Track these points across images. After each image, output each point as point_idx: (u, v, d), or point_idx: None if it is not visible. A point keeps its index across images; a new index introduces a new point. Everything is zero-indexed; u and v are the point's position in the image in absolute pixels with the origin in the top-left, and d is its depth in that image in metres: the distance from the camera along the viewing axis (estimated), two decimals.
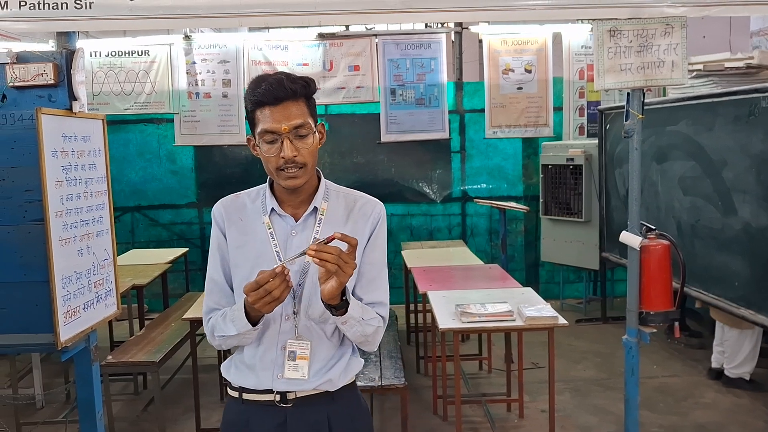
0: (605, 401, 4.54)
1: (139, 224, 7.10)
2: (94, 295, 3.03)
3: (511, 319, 3.49)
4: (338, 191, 1.84)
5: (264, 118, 1.64)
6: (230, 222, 1.80)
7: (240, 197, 1.84)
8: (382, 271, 1.82)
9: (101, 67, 6.68)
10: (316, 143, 1.70)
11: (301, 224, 1.76)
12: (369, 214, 1.80)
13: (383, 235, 1.82)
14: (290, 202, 1.78)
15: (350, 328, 1.72)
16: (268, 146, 1.65)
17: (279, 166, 1.66)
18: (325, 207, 1.79)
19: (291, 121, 1.63)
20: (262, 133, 1.65)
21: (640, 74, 2.93)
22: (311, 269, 1.73)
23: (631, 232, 3.14)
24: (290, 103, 1.64)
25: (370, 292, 1.80)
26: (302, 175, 1.68)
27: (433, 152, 7.06)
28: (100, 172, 3.13)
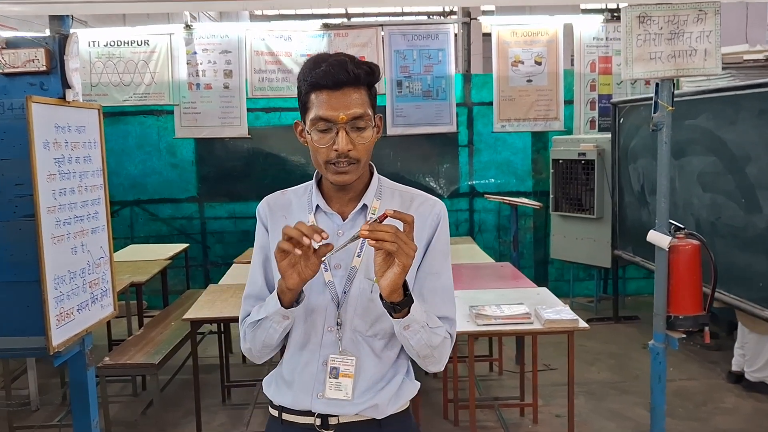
0: (621, 405, 4.37)
1: (138, 219, 6.92)
2: (89, 295, 2.86)
3: (529, 322, 3.32)
4: (393, 188, 1.65)
5: (319, 103, 1.46)
6: (274, 220, 1.63)
7: (286, 194, 1.69)
8: (446, 282, 1.60)
9: (99, 57, 6.50)
10: (373, 138, 1.51)
11: (349, 223, 1.57)
12: (428, 214, 1.59)
13: (445, 239, 1.61)
14: (338, 199, 1.60)
15: (413, 335, 1.48)
16: (320, 135, 1.47)
17: (329, 159, 1.48)
18: (377, 205, 1.59)
19: (350, 110, 1.45)
20: (315, 120, 1.46)
21: (670, 63, 2.75)
22: (357, 276, 1.55)
23: (659, 231, 2.96)
24: (351, 89, 1.46)
25: (433, 308, 1.57)
26: (353, 171, 1.50)
27: (440, 146, 6.88)
28: (96, 165, 2.95)
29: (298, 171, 6.80)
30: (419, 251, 1.55)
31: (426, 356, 1.53)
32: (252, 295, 1.64)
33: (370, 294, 1.52)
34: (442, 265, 1.59)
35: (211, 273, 6.96)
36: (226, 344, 4.77)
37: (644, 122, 5.46)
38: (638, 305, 6.79)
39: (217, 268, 6.87)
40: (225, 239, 6.98)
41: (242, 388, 4.70)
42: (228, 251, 6.80)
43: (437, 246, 1.58)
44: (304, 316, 1.55)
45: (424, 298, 1.56)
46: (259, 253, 1.65)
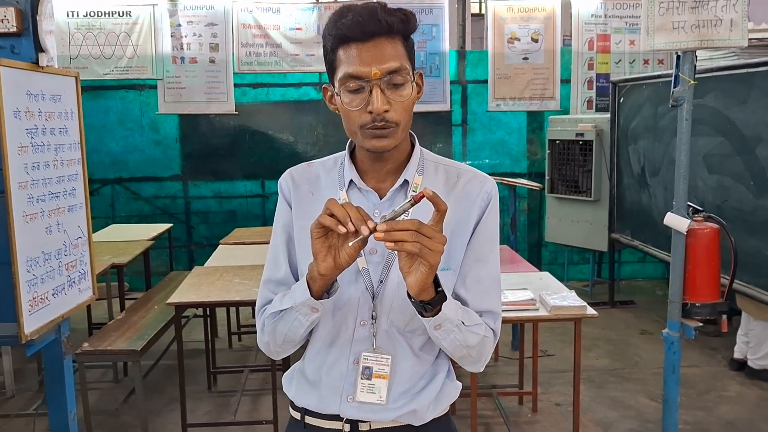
0: (622, 394, 4.24)
1: (119, 197, 6.66)
2: (66, 278, 2.64)
3: (534, 308, 3.15)
4: (437, 162, 1.42)
5: (348, 59, 1.25)
6: (299, 195, 1.42)
7: (313, 166, 1.47)
8: (492, 271, 1.39)
9: (79, 29, 6.22)
10: (413, 97, 1.29)
11: (387, 202, 1.36)
12: (477, 193, 1.37)
13: (494, 222, 1.39)
14: (375, 173, 1.37)
15: (446, 335, 1.28)
16: (351, 96, 1.26)
17: (364, 124, 1.26)
18: (419, 182, 1.37)
19: (384, 63, 1.23)
20: (344, 78, 1.25)
21: (694, 34, 2.56)
22: (396, 263, 1.30)
23: (677, 214, 2.79)
24: (384, 40, 1.25)
25: (477, 299, 1.37)
26: (393, 136, 1.28)
27: (434, 125, 6.67)
28: (73, 137, 2.72)
29: (286, 149, 6.56)
30: (466, 235, 1.36)
31: (462, 357, 1.35)
32: (273, 279, 1.43)
33: None
34: (490, 251, 1.39)
35: (195, 254, 6.73)
36: (212, 328, 4.57)
37: (646, 101, 5.30)
38: (633, 290, 6.67)
39: (201, 249, 6.64)
40: (210, 219, 6.75)
41: (229, 375, 4.51)
42: (213, 232, 6.57)
43: (485, 229, 1.38)
44: (333, 308, 1.35)
45: (467, 287, 1.37)
46: (281, 233, 1.44)
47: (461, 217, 1.36)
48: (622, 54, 6.61)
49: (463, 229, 1.36)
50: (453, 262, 1.36)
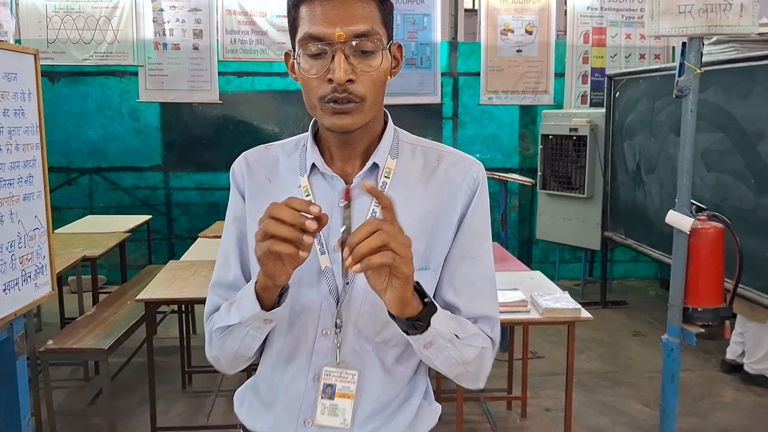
0: (615, 398, 4.07)
1: (98, 187, 6.44)
2: (20, 272, 2.44)
3: (526, 310, 2.96)
4: (415, 144, 1.23)
5: (311, 18, 1.06)
6: (254, 183, 1.23)
7: (271, 149, 1.28)
8: (484, 270, 1.20)
9: (57, 12, 5.99)
10: (385, 68, 1.09)
11: (356, 189, 1.16)
12: (461, 179, 1.18)
13: (485, 211, 1.20)
14: (341, 156, 1.18)
15: (439, 353, 1.10)
16: (311, 62, 1.07)
17: (324, 95, 1.07)
18: (392, 166, 1.18)
19: (351, 25, 1.05)
20: (304, 39, 1.07)
21: (701, 19, 2.38)
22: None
23: (679, 212, 2.61)
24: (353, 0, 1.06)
25: (469, 303, 1.18)
26: (357, 113, 1.08)
27: (423, 118, 6.47)
28: (30, 120, 2.51)
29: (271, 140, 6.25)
30: (450, 228, 1.17)
31: (459, 374, 1.16)
32: (223, 283, 1.25)
33: None
34: (480, 246, 1.19)
35: (175, 247, 6.51)
36: (187, 325, 4.37)
37: (643, 96, 5.13)
38: (625, 289, 6.51)
39: (182, 242, 6.42)
40: (191, 211, 6.53)
41: (204, 374, 4.31)
42: (194, 224, 6.35)
43: (474, 221, 1.18)
44: (289, 314, 1.16)
45: (456, 290, 1.17)
46: (232, 229, 1.25)
47: (443, 207, 1.17)
48: (618, 48, 6.44)
49: (446, 221, 1.17)
50: (433, 260, 1.17)
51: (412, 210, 1.15)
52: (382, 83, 1.11)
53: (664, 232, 4.50)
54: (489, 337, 1.18)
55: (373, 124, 1.16)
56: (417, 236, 1.10)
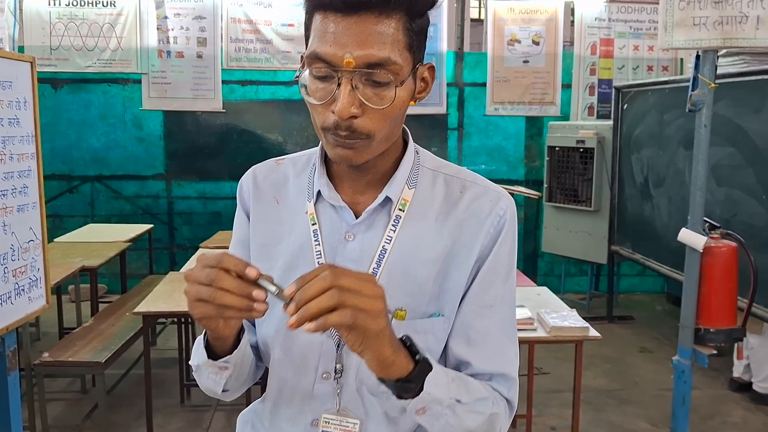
0: (622, 417, 3.98)
1: (99, 196, 6.38)
2: (13, 286, 2.37)
3: (532, 328, 2.89)
4: (437, 170, 1.09)
5: (321, 33, 0.91)
6: (260, 203, 1.12)
7: (282, 164, 1.14)
8: (504, 320, 1.06)
9: (60, 18, 5.95)
10: (401, 101, 0.94)
11: (364, 224, 1.04)
12: (486, 214, 1.04)
13: (511, 253, 1.05)
14: (353, 182, 1.05)
15: (435, 421, 0.95)
16: (316, 83, 0.94)
17: (325, 125, 0.94)
18: (409, 197, 1.04)
19: (365, 49, 0.89)
20: (311, 57, 0.93)
21: (717, 31, 2.32)
22: None
23: (692, 229, 2.54)
24: (373, 18, 0.90)
25: (483, 359, 1.03)
26: (363, 149, 0.95)
27: (428, 128, 6.42)
28: (26, 129, 2.45)
29: (275, 150, 6.29)
30: (467, 270, 1.02)
31: None
32: None
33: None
34: (502, 293, 1.05)
35: (177, 256, 6.45)
36: (187, 337, 4.30)
37: (651, 108, 5.06)
38: (631, 304, 6.42)
39: (183, 252, 6.37)
40: (193, 221, 6.47)
41: None
42: (196, 234, 6.29)
43: (497, 264, 1.03)
44: (286, 352, 1.06)
45: (469, 342, 1.03)
46: (235, 250, 1.14)
47: (461, 246, 1.03)
48: (626, 59, 6.38)
49: (463, 261, 1.03)
50: (447, 305, 1.03)
51: (427, 247, 1.03)
52: (397, 116, 0.97)
53: (672, 247, 4.42)
54: (504, 398, 1.05)
55: (387, 152, 1.03)
56: (430, 277, 1.02)
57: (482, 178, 1.10)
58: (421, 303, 1.02)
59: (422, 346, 0.96)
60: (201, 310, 0.85)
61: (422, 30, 0.96)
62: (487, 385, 1.03)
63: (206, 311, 0.84)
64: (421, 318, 1.01)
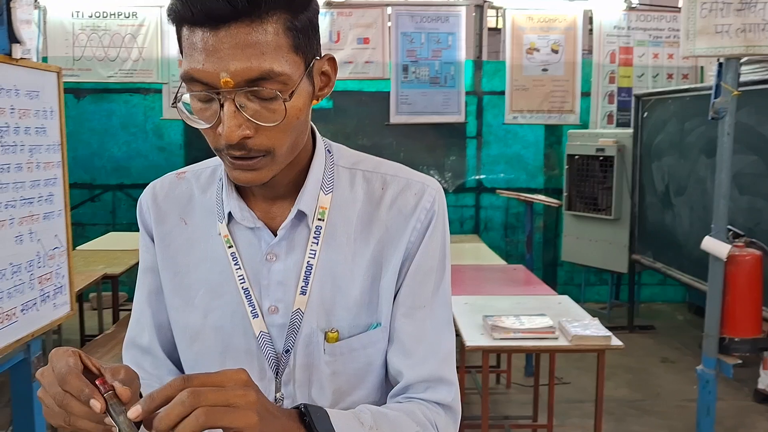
0: (644, 428, 3.94)
1: (121, 204, 6.45)
2: (39, 293, 2.40)
3: (553, 337, 2.87)
4: (355, 167, 0.99)
5: (191, 50, 0.80)
6: (164, 225, 1.01)
7: (185, 179, 1.03)
8: (437, 321, 0.98)
9: (83, 29, 6.03)
10: (297, 109, 0.84)
11: (284, 242, 0.94)
12: (409, 211, 0.96)
13: (438, 246, 0.98)
14: (263, 197, 0.96)
15: None
16: (199, 106, 0.83)
17: (218, 147, 0.85)
18: (327, 204, 0.95)
19: (242, 64, 0.78)
20: (185, 77, 0.81)
21: (739, 39, 2.31)
22: (306, 324, 0.93)
23: (715, 238, 2.52)
24: (245, 27, 0.78)
25: (416, 365, 0.95)
26: (266, 166, 0.86)
27: (447, 137, 6.42)
28: (52, 138, 2.48)
29: None
30: (395, 273, 0.95)
31: None
32: (136, 344, 1.04)
33: (324, 355, 0.94)
34: (434, 292, 0.98)
35: None
36: None
37: (672, 116, 5.03)
38: (652, 313, 6.36)
39: None
40: None
41: None
42: None
43: (426, 262, 0.96)
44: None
45: (405, 350, 0.96)
46: (143, 281, 1.04)
47: (389, 247, 0.95)
48: (645, 67, 6.34)
49: (393, 262, 0.96)
50: (382, 313, 0.96)
51: (356, 256, 0.95)
52: (298, 124, 0.86)
53: (694, 256, 4.38)
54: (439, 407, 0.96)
55: (295, 159, 0.92)
56: (363, 287, 0.95)
57: (405, 168, 1.01)
58: (357, 316, 0.95)
59: (364, 361, 0.94)
60: (57, 424, 0.76)
61: (309, 23, 0.85)
62: (419, 406, 0.95)
63: (63, 428, 0.76)
64: (358, 334, 0.95)
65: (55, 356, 0.76)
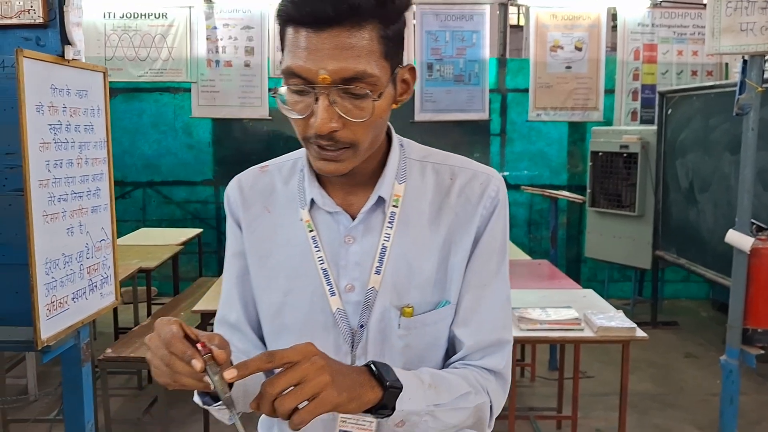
0: (667, 421, 3.99)
1: (151, 201, 6.60)
2: (87, 282, 2.52)
3: (579, 329, 2.94)
4: (425, 160, 1.10)
5: (294, 48, 0.91)
6: (250, 213, 1.12)
7: (267, 172, 1.14)
8: (497, 297, 1.07)
9: (115, 30, 6.18)
10: (382, 109, 0.95)
11: (361, 225, 1.05)
12: (477, 199, 1.06)
13: (502, 231, 1.08)
14: (342, 186, 1.07)
15: (414, 428, 0.98)
16: (294, 97, 0.93)
17: (308, 137, 0.95)
18: (401, 192, 1.06)
19: (340, 63, 0.89)
20: (286, 72, 0.93)
21: (764, 36, 2.36)
22: (379, 301, 1.04)
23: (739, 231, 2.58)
24: (345, 32, 0.89)
25: (477, 335, 1.06)
26: (348, 159, 0.97)
27: (471, 134, 6.48)
28: (99, 135, 2.61)
29: None
30: (465, 255, 1.05)
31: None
32: (226, 321, 1.16)
33: (398, 329, 1.04)
34: (497, 271, 1.07)
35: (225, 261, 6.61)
36: None
37: (696, 113, 5.06)
38: (676, 310, 6.38)
39: None
40: None
41: None
42: None
43: (490, 244, 1.06)
44: None
45: (465, 322, 1.06)
46: (232, 264, 1.15)
47: (458, 232, 1.06)
48: (670, 65, 6.37)
49: (462, 245, 1.06)
50: (452, 292, 1.06)
51: (426, 239, 1.06)
52: (379, 123, 0.97)
53: (718, 252, 4.42)
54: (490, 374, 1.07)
55: (372, 153, 1.03)
56: (433, 268, 1.05)
57: (470, 161, 1.12)
58: (428, 294, 1.05)
59: (433, 336, 1.05)
60: (164, 382, 0.87)
61: (398, 34, 0.96)
62: (473, 372, 1.05)
63: (170, 384, 0.87)
64: (429, 311, 1.04)
65: (159, 324, 0.87)
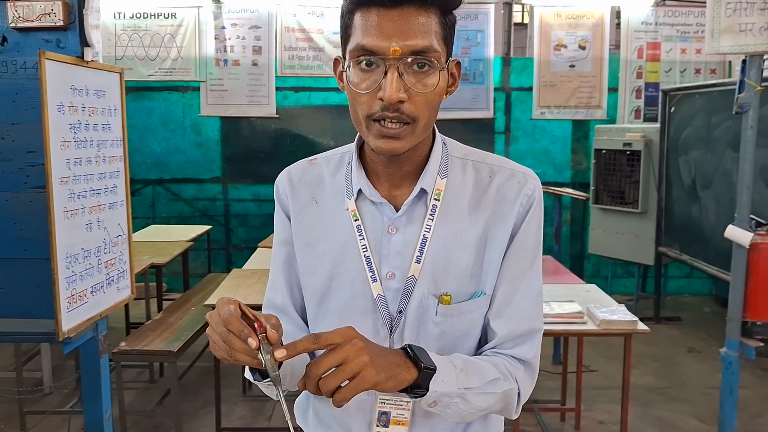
0: (669, 413, 4.07)
1: (160, 198, 6.69)
2: (105, 276, 2.61)
3: (582, 322, 3.02)
4: (465, 158, 1.16)
5: (365, 27, 0.99)
6: (298, 203, 1.19)
7: (315, 165, 1.21)
8: (529, 290, 1.13)
9: (125, 30, 6.27)
10: (441, 88, 1.03)
11: (404, 216, 1.11)
12: (514, 196, 1.12)
13: (536, 230, 1.14)
14: (388, 177, 1.13)
15: (446, 410, 1.06)
16: (361, 75, 1.01)
17: (372, 113, 1.02)
18: (442, 186, 1.12)
19: (409, 39, 0.98)
20: (356, 50, 1.00)
21: (763, 37, 2.43)
22: (418, 289, 1.10)
23: (738, 226, 2.65)
24: (414, 11, 0.98)
25: (510, 325, 1.12)
26: (407, 137, 1.03)
27: (476, 132, 6.56)
28: (116, 134, 2.69)
29: None
30: (500, 247, 1.12)
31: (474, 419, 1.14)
32: (272, 304, 1.24)
33: (435, 316, 1.10)
34: (530, 266, 1.14)
35: (233, 257, 6.72)
36: None
37: (698, 111, 5.12)
38: (679, 306, 6.45)
39: (239, 252, 6.63)
40: (249, 222, 6.73)
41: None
42: (251, 235, 6.55)
43: (525, 240, 1.12)
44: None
45: (500, 313, 1.13)
46: (280, 251, 1.22)
47: (495, 228, 1.12)
48: (673, 63, 6.43)
49: (499, 241, 1.12)
50: (488, 284, 1.13)
51: (464, 232, 1.12)
52: (437, 103, 1.05)
53: (720, 248, 4.48)
54: (519, 363, 1.13)
55: (420, 144, 1.10)
56: (470, 260, 1.11)
57: (508, 160, 1.18)
58: (464, 284, 1.11)
59: (468, 324, 1.11)
60: (221, 356, 0.95)
61: (452, 26, 1.05)
62: (503, 360, 1.12)
63: (225, 359, 0.95)
64: (465, 300, 1.11)
65: (220, 303, 0.95)
